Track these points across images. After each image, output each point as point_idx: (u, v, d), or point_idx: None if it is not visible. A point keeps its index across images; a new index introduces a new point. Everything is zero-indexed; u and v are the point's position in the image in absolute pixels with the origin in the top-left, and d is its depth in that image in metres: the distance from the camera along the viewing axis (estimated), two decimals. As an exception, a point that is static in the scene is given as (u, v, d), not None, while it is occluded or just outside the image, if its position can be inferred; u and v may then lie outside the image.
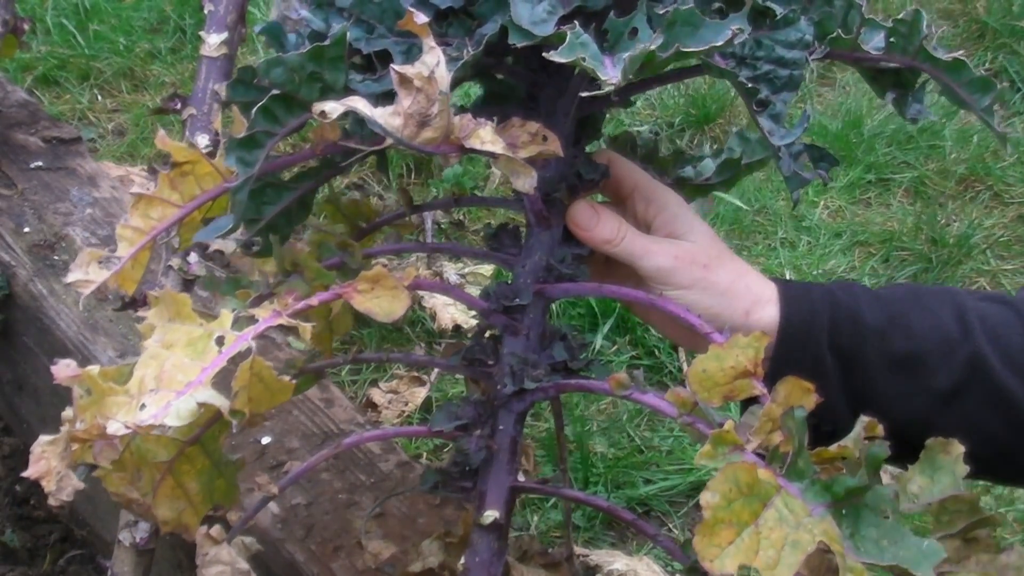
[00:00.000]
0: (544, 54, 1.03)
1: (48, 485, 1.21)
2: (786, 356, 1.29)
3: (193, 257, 1.74)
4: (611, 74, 1.02)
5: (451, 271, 3.00)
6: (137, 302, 1.71)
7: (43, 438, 1.23)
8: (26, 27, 2.46)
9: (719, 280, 1.29)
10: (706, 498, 1.00)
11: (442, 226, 3.18)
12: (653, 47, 1.02)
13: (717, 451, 1.05)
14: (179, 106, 1.81)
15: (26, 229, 2.36)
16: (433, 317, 2.86)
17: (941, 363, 1.28)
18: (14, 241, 2.34)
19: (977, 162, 3.55)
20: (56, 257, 2.31)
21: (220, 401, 1.05)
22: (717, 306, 1.28)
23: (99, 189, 2.48)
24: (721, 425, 1.08)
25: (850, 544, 1.00)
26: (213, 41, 1.79)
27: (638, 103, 3.58)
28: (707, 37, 1.04)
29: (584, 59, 1.02)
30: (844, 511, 1.02)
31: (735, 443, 1.05)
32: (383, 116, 1.04)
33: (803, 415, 1.05)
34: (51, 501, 1.23)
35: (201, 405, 1.03)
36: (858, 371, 1.29)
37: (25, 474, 1.22)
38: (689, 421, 1.14)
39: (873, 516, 1.02)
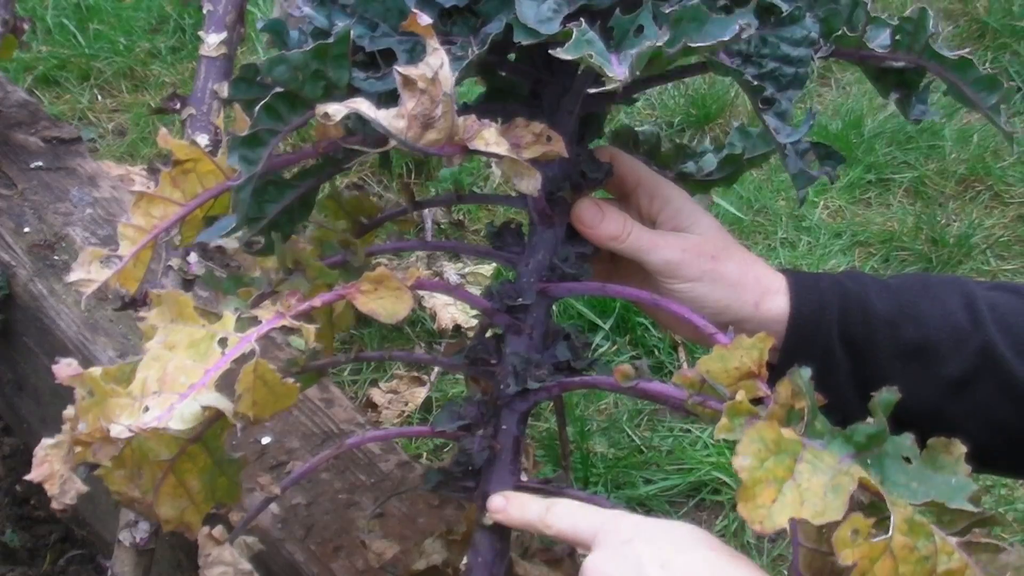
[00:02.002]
0: (551, 51, 1.03)
1: (51, 488, 1.21)
2: (796, 347, 1.29)
3: (193, 257, 1.74)
4: (618, 71, 1.01)
5: (451, 271, 3.00)
6: (137, 302, 1.71)
7: (46, 441, 1.23)
8: (26, 27, 2.46)
9: (728, 271, 1.29)
10: (738, 462, 1.00)
11: (442, 226, 3.18)
12: (660, 43, 1.01)
13: (734, 422, 1.05)
14: (179, 106, 1.81)
15: (26, 229, 2.36)
16: (433, 317, 2.86)
17: (951, 352, 1.28)
18: (14, 241, 2.34)
19: (977, 162, 3.55)
20: (56, 257, 2.31)
21: (224, 404, 1.04)
22: (727, 298, 1.28)
23: (99, 189, 2.48)
24: (760, 400, 1.08)
25: (883, 489, 1.00)
26: (212, 41, 1.80)
27: (638, 103, 3.59)
28: (714, 33, 1.04)
29: (591, 56, 1.02)
30: (869, 460, 1.02)
31: (750, 412, 1.05)
32: (387, 118, 1.04)
33: (809, 374, 1.06)
34: (54, 505, 1.22)
35: (205, 408, 1.02)
36: (868, 361, 1.29)
37: (28, 477, 1.22)
38: (699, 400, 1.14)
39: (897, 463, 1.02)
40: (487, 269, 3.01)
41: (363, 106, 1.03)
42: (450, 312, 2.86)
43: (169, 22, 3.98)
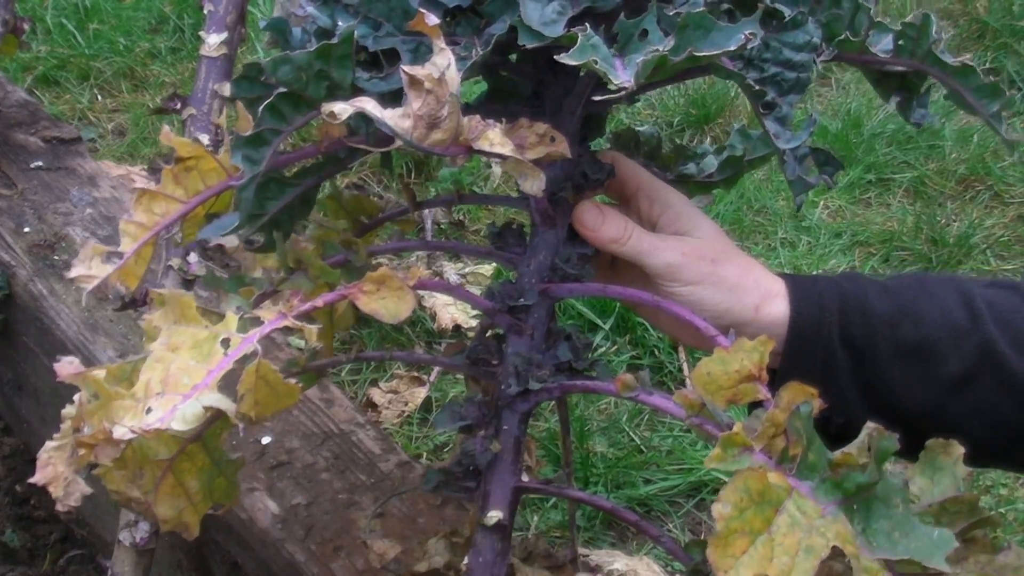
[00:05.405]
0: (555, 56, 1.03)
1: (56, 491, 1.21)
2: (797, 350, 1.29)
3: (193, 257, 1.74)
4: (623, 78, 1.01)
5: (451, 271, 3.00)
6: (137, 302, 1.71)
7: (49, 443, 1.22)
8: (26, 27, 2.46)
9: (728, 275, 1.29)
10: (718, 509, 1.00)
11: (442, 226, 3.18)
12: (665, 51, 1.01)
13: (727, 453, 1.05)
14: (179, 106, 1.82)
15: (26, 229, 2.36)
16: (433, 317, 2.86)
17: (951, 350, 1.28)
18: (14, 241, 2.34)
19: (977, 162, 3.56)
20: (56, 257, 2.31)
21: (226, 405, 1.04)
22: (726, 301, 1.28)
23: (99, 189, 2.48)
24: (730, 427, 1.08)
25: (863, 540, 1.00)
26: (213, 41, 1.80)
27: (638, 103, 3.59)
28: (719, 41, 1.03)
29: (596, 62, 1.02)
30: (855, 506, 1.02)
31: (745, 444, 1.05)
32: (392, 118, 1.04)
33: (809, 411, 1.05)
34: (59, 507, 1.22)
35: (207, 409, 1.02)
36: (869, 362, 1.29)
37: (32, 480, 1.22)
38: (697, 423, 1.14)
39: (884, 508, 1.02)
40: (487, 269, 3.01)
41: (369, 105, 1.03)
42: (450, 312, 2.86)
43: (169, 22, 3.98)
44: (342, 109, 1.03)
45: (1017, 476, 2.60)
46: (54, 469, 1.21)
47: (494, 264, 3.00)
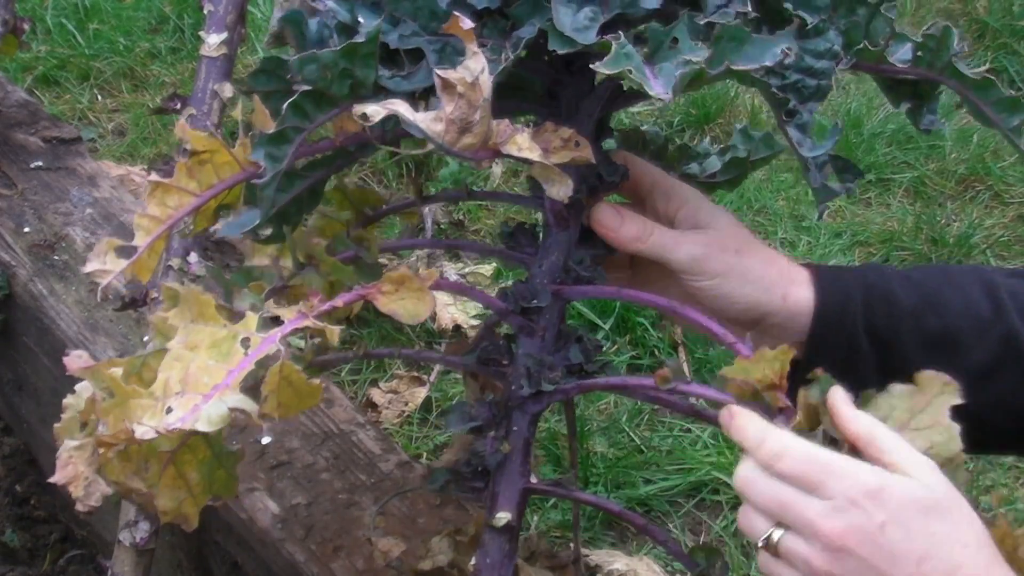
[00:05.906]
0: (591, 65, 1.02)
1: (76, 491, 1.20)
2: (822, 338, 1.28)
3: (193, 256, 1.73)
4: (659, 90, 1.00)
5: (451, 271, 3.00)
6: (137, 301, 1.70)
7: (69, 443, 1.22)
8: (26, 27, 2.46)
9: (752, 266, 1.28)
10: None
11: (441, 226, 3.18)
12: (703, 64, 1.01)
13: None
14: (179, 106, 1.82)
15: (26, 229, 2.36)
16: (433, 317, 2.86)
17: (975, 341, 1.28)
18: (14, 241, 2.33)
19: (977, 162, 3.56)
20: (56, 257, 2.31)
21: (250, 406, 1.04)
22: (754, 292, 1.28)
23: (99, 189, 2.48)
24: (782, 411, 1.09)
25: None
26: (213, 41, 1.80)
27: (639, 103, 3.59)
28: (755, 55, 1.03)
29: (630, 71, 1.01)
30: None
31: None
32: (425, 121, 1.03)
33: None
34: (79, 506, 1.22)
35: (232, 410, 1.02)
36: (893, 351, 1.29)
37: (52, 479, 1.21)
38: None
39: None
40: (487, 269, 3.01)
41: (401, 108, 1.02)
42: (450, 312, 2.86)
43: (169, 22, 3.98)
44: (374, 111, 1.03)
45: (1017, 476, 2.61)
46: (74, 468, 1.20)
47: (494, 264, 3.00)
